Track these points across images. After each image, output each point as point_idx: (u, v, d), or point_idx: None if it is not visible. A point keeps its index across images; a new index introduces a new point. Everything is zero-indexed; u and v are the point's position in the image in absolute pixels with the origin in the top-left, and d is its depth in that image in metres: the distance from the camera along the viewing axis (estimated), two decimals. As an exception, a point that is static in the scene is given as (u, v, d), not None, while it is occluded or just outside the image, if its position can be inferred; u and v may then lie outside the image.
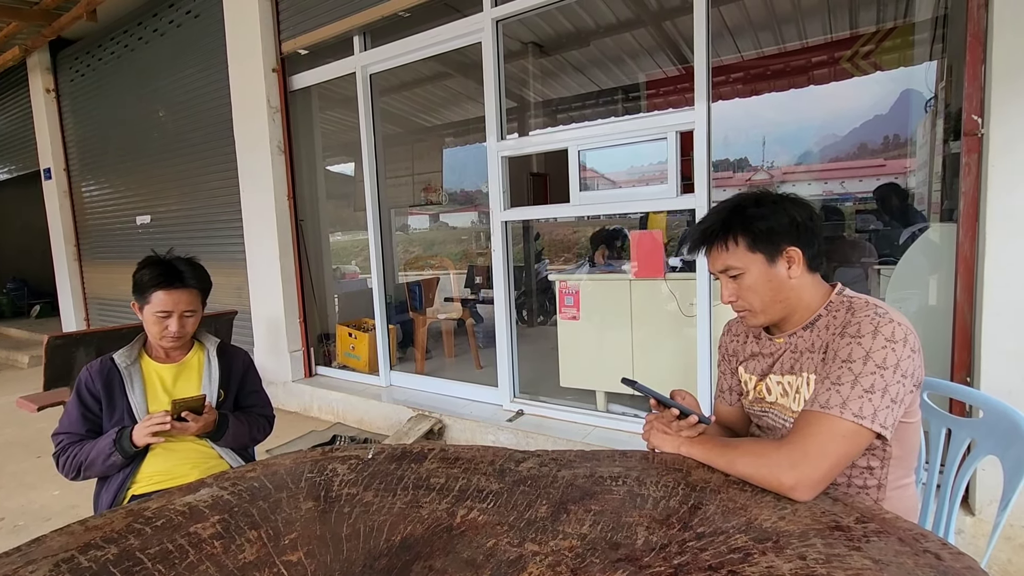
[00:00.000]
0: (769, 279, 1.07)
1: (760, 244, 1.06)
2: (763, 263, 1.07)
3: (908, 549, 0.78)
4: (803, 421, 0.97)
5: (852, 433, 0.93)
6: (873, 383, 0.93)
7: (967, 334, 1.87)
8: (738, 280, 1.09)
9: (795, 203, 1.09)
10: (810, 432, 0.95)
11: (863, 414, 0.92)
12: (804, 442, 0.94)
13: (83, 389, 1.52)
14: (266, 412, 1.76)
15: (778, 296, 1.08)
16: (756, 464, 0.96)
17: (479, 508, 0.97)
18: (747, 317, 1.14)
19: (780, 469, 0.93)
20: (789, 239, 1.06)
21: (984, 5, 1.74)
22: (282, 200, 3.89)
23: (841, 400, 0.94)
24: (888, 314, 0.99)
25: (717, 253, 1.11)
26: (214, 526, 0.95)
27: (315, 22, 3.61)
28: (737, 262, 1.08)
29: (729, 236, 1.08)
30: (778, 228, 1.06)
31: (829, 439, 0.93)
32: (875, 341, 0.95)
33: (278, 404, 4.04)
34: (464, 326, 4.55)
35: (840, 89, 4.98)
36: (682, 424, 1.11)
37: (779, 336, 1.14)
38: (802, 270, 1.07)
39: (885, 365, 0.94)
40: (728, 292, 1.12)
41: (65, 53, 5.76)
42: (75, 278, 6.21)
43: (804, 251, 1.07)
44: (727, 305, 1.14)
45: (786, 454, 0.94)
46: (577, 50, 5.05)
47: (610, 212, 2.95)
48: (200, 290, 1.58)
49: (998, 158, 1.73)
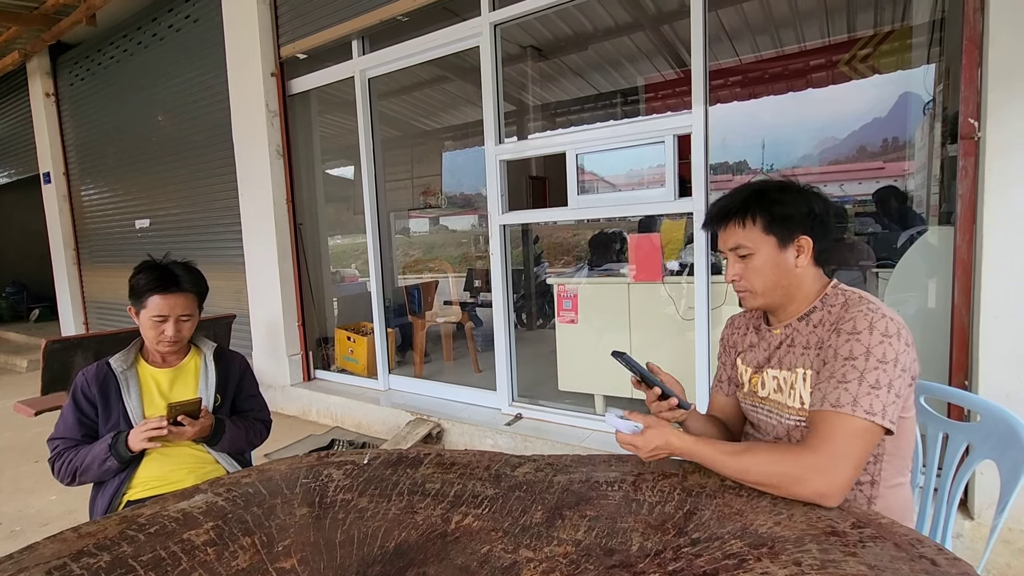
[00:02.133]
0: (777, 263, 1.09)
1: (775, 227, 1.08)
2: (774, 246, 1.09)
3: (904, 555, 0.77)
4: (819, 422, 0.96)
5: (867, 431, 0.93)
6: (878, 378, 0.94)
7: (965, 337, 1.87)
8: (746, 260, 1.11)
9: (817, 195, 1.11)
10: (830, 433, 0.93)
11: (873, 410, 0.93)
12: (827, 444, 0.92)
13: (79, 394, 1.52)
14: (263, 416, 1.75)
15: (781, 281, 1.10)
16: (777, 470, 0.93)
17: (474, 514, 0.97)
18: (746, 298, 1.16)
19: (807, 474, 0.90)
20: (803, 228, 1.08)
21: (980, 9, 1.74)
22: (281, 204, 3.89)
23: (851, 398, 0.94)
24: (880, 309, 1.00)
25: (732, 230, 1.12)
26: (207, 533, 0.95)
27: (313, 26, 3.62)
28: (749, 242, 1.10)
29: (748, 215, 1.10)
30: (795, 215, 1.08)
31: (850, 439, 0.92)
32: (872, 336, 0.97)
33: (277, 408, 4.03)
34: (463, 329, 4.55)
35: (839, 92, 4.99)
36: (662, 405, 1.12)
37: (776, 327, 1.16)
38: (809, 261, 1.10)
39: (885, 359, 0.95)
40: (734, 270, 1.14)
41: (65, 57, 5.77)
42: (74, 282, 6.21)
43: (815, 242, 1.09)
44: (730, 283, 1.16)
45: (810, 458, 0.92)
46: (576, 54, 5.06)
47: (610, 215, 2.95)
48: (196, 294, 1.58)
49: (995, 161, 1.73)
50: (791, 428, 1.10)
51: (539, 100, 6.13)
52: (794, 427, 1.09)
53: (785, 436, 1.11)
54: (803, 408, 1.07)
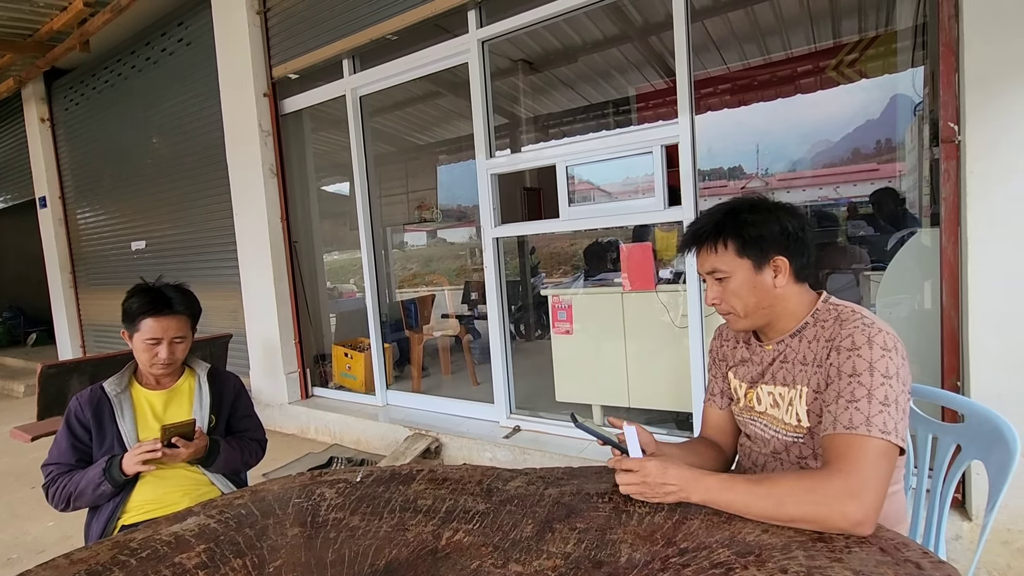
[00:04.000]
0: (754, 285, 1.08)
1: (749, 250, 1.07)
2: (750, 269, 1.07)
3: (889, 559, 0.78)
4: (840, 446, 0.92)
5: (887, 451, 0.90)
6: (886, 394, 0.93)
7: (955, 339, 1.88)
8: (723, 283, 1.10)
9: (789, 213, 1.09)
10: (854, 457, 0.89)
11: (887, 429, 0.90)
12: (855, 469, 0.88)
13: (72, 419, 1.52)
14: (258, 436, 1.75)
15: (762, 303, 1.09)
16: (810, 502, 0.87)
17: (465, 529, 0.97)
18: (730, 320, 1.15)
19: (841, 503, 0.85)
20: (778, 248, 1.07)
21: (954, 16, 1.78)
22: (275, 222, 3.91)
23: (864, 417, 0.92)
24: (876, 323, 1.00)
25: (706, 255, 1.11)
26: (199, 555, 0.95)
27: (305, 47, 3.67)
28: (724, 265, 1.09)
29: (719, 239, 1.09)
30: (768, 236, 1.06)
31: (875, 461, 0.89)
32: (872, 351, 0.96)
33: (275, 426, 4.02)
34: (461, 343, 4.55)
35: (832, 95, 5.04)
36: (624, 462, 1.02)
37: (768, 343, 1.15)
38: (788, 280, 1.08)
39: (888, 374, 0.94)
40: (713, 294, 1.13)
41: (59, 83, 5.82)
42: (71, 305, 6.21)
43: (792, 261, 1.07)
44: (711, 307, 1.15)
45: (842, 485, 0.87)
46: (566, 66, 5.12)
47: (601, 226, 2.97)
48: (189, 316, 1.59)
49: (975, 164, 1.75)
50: (789, 444, 1.09)
51: (531, 112, 6.19)
52: (792, 443, 1.09)
53: (784, 452, 1.11)
54: (800, 426, 1.07)
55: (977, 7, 1.72)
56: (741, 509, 0.92)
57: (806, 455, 1.08)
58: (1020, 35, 1.67)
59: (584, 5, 2.63)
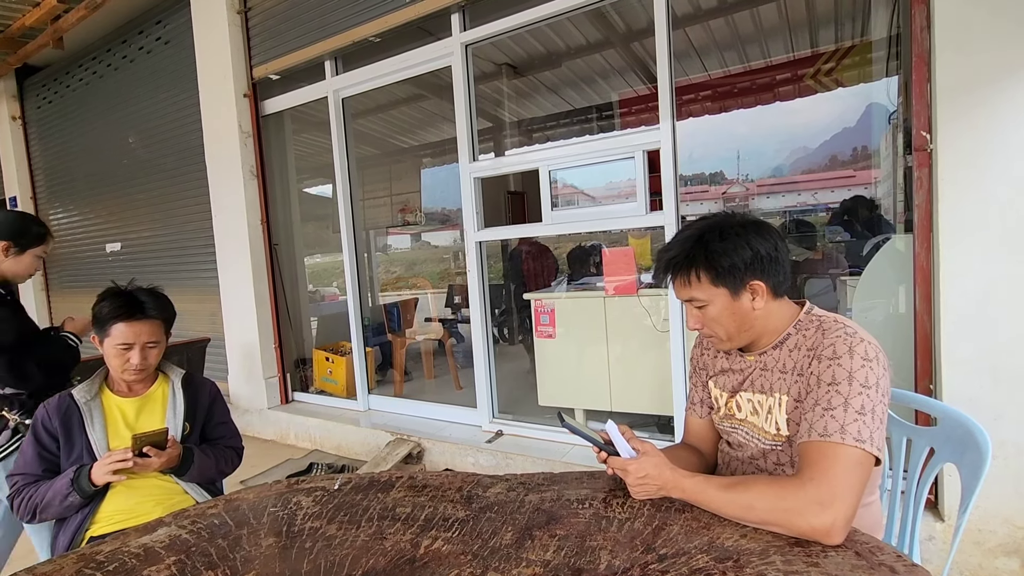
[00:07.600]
0: (733, 312, 1.07)
1: (723, 279, 1.06)
2: (726, 296, 1.07)
3: (864, 563, 0.79)
4: (814, 454, 0.92)
5: (861, 459, 0.90)
6: (863, 403, 0.93)
7: (928, 343, 1.92)
8: (703, 311, 1.10)
9: (758, 233, 1.07)
10: (827, 465, 0.89)
11: (862, 437, 0.90)
12: (827, 477, 0.88)
13: (39, 427, 1.47)
14: (234, 443, 1.71)
15: (743, 326, 1.09)
16: (780, 509, 0.88)
17: (443, 537, 0.96)
18: (715, 343, 1.15)
19: (809, 508, 0.86)
20: (752, 273, 1.05)
21: (926, 27, 1.82)
22: (255, 225, 3.85)
23: (839, 425, 0.92)
24: (858, 333, 1.00)
25: (681, 285, 1.11)
26: (169, 568, 0.92)
27: (286, 47, 3.63)
28: (701, 295, 1.08)
29: (692, 271, 1.08)
30: (740, 263, 1.04)
31: (848, 469, 0.89)
32: (853, 361, 0.96)
33: (254, 432, 3.95)
34: (444, 347, 4.53)
35: (810, 103, 5.13)
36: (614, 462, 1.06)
37: (750, 354, 1.15)
38: (766, 300, 1.07)
39: (868, 384, 0.94)
40: (693, 320, 1.13)
41: (32, 80, 5.68)
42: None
43: (767, 282, 1.06)
44: (694, 331, 1.15)
45: (812, 492, 0.87)
46: (549, 71, 5.14)
47: (583, 230, 2.98)
48: (163, 320, 1.55)
49: (947, 172, 1.79)
50: (767, 451, 1.10)
51: (515, 116, 6.20)
52: (770, 450, 1.09)
53: (761, 458, 1.11)
54: (779, 434, 1.07)
55: (948, 19, 1.76)
56: (715, 511, 0.95)
57: (783, 462, 1.09)
58: (990, 47, 1.71)
59: (568, 10, 2.64)
